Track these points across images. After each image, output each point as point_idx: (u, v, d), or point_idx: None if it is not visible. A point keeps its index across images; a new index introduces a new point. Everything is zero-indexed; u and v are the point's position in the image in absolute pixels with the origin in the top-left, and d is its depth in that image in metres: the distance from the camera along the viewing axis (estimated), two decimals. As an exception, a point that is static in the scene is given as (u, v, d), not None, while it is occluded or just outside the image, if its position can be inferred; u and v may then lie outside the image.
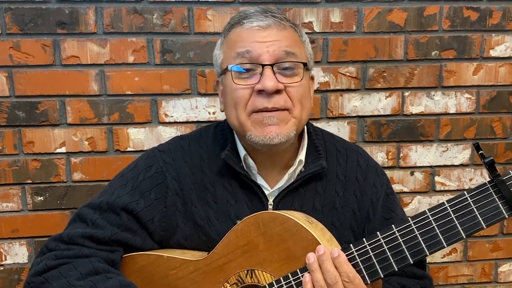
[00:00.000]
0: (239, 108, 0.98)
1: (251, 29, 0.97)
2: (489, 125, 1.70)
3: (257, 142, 0.98)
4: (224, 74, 1.02)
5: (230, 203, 1.04)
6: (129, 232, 1.01)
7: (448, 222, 0.83)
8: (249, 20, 0.98)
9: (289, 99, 0.98)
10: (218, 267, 0.96)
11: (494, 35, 1.64)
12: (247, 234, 0.93)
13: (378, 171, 1.13)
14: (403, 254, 0.85)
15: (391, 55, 1.62)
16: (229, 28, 1.02)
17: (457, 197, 0.83)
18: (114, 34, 1.51)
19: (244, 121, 0.99)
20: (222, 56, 1.03)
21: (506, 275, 1.82)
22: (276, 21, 0.98)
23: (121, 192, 1.03)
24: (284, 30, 0.98)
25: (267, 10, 1.00)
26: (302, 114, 1.00)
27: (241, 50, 0.96)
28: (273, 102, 0.95)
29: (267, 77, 0.94)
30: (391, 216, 1.09)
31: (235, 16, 1.03)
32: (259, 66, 0.95)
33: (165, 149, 1.10)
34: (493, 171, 0.80)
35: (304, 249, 0.88)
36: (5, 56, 1.48)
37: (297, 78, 0.98)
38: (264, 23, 0.97)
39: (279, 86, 0.95)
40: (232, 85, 0.98)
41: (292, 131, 0.99)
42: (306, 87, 1.02)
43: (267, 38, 0.96)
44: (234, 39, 0.99)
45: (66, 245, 0.97)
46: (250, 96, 0.97)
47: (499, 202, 0.81)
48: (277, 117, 0.96)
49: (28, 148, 1.55)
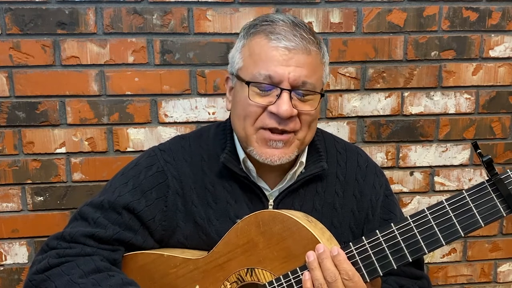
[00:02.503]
0: (248, 122, 0.99)
1: (277, 48, 0.94)
2: (488, 125, 1.70)
3: (258, 159, 0.99)
4: (240, 83, 1.00)
5: (230, 203, 1.04)
6: (130, 231, 1.01)
7: (446, 220, 0.84)
8: (277, 37, 0.95)
9: (299, 122, 0.98)
10: (218, 266, 0.96)
11: (494, 35, 1.64)
12: (247, 233, 0.94)
13: (378, 172, 1.14)
14: (402, 253, 0.86)
15: (391, 56, 1.62)
16: (254, 34, 0.98)
17: (456, 196, 0.84)
18: (114, 34, 1.52)
19: (250, 134, 0.99)
20: (242, 64, 1.00)
21: (506, 275, 1.82)
22: (304, 44, 0.95)
23: (123, 190, 1.03)
24: (309, 55, 0.96)
25: (296, 25, 0.97)
26: (306, 136, 1.02)
27: (263, 72, 0.95)
28: (283, 125, 0.96)
29: (284, 101, 0.94)
30: (390, 217, 1.10)
31: (262, 20, 0.99)
32: (277, 88, 0.95)
33: (166, 148, 1.10)
34: (491, 169, 0.80)
35: (304, 247, 0.89)
36: (5, 57, 1.49)
37: (311, 106, 0.98)
38: (291, 44, 0.94)
39: (294, 112, 0.96)
40: (247, 100, 0.97)
41: (294, 153, 1.01)
42: (317, 112, 1.03)
43: (291, 62, 0.94)
44: (257, 52, 0.97)
45: (67, 244, 0.97)
46: (262, 113, 0.98)
47: (497, 200, 0.81)
48: (283, 141, 0.98)
49: (28, 148, 1.55)
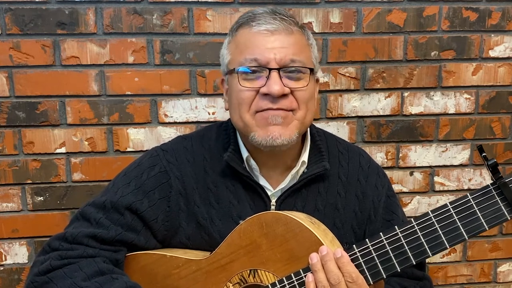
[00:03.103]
0: (243, 108, 0.99)
1: (259, 32, 0.97)
2: (488, 126, 1.70)
3: (260, 142, 0.98)
4: (230, 75, 1.02)
5: (233, 204, 1.04)
6: (133, 232, 1.01)
7: (450, 223, 0.84)
8: (258, 23, 0.97)
9: (295, 100, 0.98)
10: (221, 267, 0.96)
11: (493, 35, 1.64)
12: (250, 234, 0.93)
13: (380, 172, 1.14)
14: (406, 255, 0.86)
15: (391, 56, 1.62)
16: (237, 28, 1.02)
17: (460, 199, 0.84)
18: (114, 34, 1.51)
19: (248, 121, 0.99)
20: (230, 57, 1.02)
21: (505, 275, 1.82)
22: (284, 25, 0.97)
23: (125, 191, 1.03)
24: (292, 35, 0.98)
25: (275, 11, 1.00)
26: (306, 116, 1.01)
27: (249, 57, 0.96)
28: (278, 104, 0.96)
29: (273, 80, 0.95)
30: (392, 217, 1.10)
31: (244, 15, 1.03)
32: (265, 69, 0.96)
33: (168, 148, 1.10)
34: (496, 173, 0.80)
35: (307, 249, 0.89)
36: (5, 57, 1.49)
37: (303, 83, 0.98)
38: (272, 26, 0.96)
39: (285, 90, 0.96)
40: (238, 87, 0.98)
41: (295, 134, 0.99)
42: (312, 90, 1.02)
43: (275, 44, 0.96)
44: (242, 42, 0.99)
45: (69, 245, 0.97)
46: (255, 98, 0.98)
47: (501, 204, 0.81)
48: (281, 116, 0.97)
49: (28, 148, 1.55)
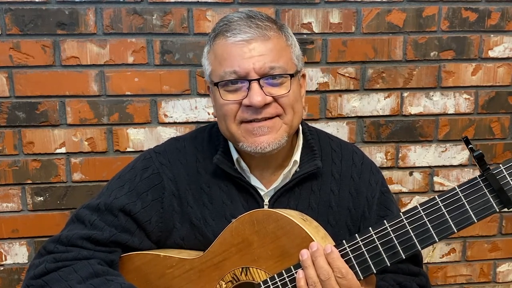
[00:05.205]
0: (229, 120, 1.00)
1: (235, 44, 0.95)
2: (487, 126, 1.71)
3: (250, 151, 0.99)
4: (213, 87, 1.02)
5: (226, 204, 1.05)
6: (127, 233, 1.02)
7: (439, 216, 0.84)
8: (233, 33, 0.96)
9: (279, 106, 0.98)
10: (214, 266, 0.97)
11: (493, 35, 1.64)
12: (242, 232, 0.94)
13: (373, 169, 1.14)
14: (395, 249, 0.86)
15: (390, 56, 1.62)
16: (214, 37, 1.01)
17: (448, 192, 0.84)
18: (114, 34, 1.52)
19: (235, 131, 1.00)
20: (210, 68, 1.02)
21: (505, 275, 1.82)
22: (260, 32, 0.96)
23: (119, 193, 1.04)
24: (269, 41, 0.96)
25: (251, 17, 0.98)
26: (293, 119, 1.01)
27: (228, 70, 0.96)
28: (262, 114, 0.96)
29: (254, 91, 0.95)
30: (387, 214, 1.10)
31: (219, 23, 1.01)
32: (245, 81, 0.96)
33: (161, 150, 1.11)
34: (483, 164, 0.80)
35: (297, 246, 0.89)
36: (5, 57, 1.49)
37: (285, 89, 0.98)
38: (247, 35, 0.95)
39: (267, 99, 0.96)
40: (220, 100, 0.99)
41: (284, 138, 1.00)
42: (297, 92, 1.02)
43: (252, 53, 0.95)
44: (219, 53, 0.98)
45: (64, 247, 0.98)
46: (239, 109, 0.98)
47: (490, 196, 0.81)
48: (267, 126, 0.97)
49: (28, 148, 1.55)
